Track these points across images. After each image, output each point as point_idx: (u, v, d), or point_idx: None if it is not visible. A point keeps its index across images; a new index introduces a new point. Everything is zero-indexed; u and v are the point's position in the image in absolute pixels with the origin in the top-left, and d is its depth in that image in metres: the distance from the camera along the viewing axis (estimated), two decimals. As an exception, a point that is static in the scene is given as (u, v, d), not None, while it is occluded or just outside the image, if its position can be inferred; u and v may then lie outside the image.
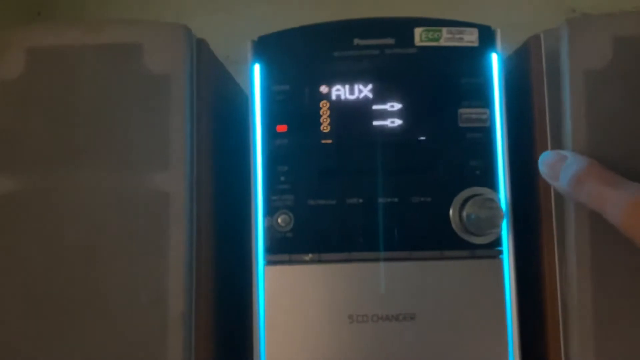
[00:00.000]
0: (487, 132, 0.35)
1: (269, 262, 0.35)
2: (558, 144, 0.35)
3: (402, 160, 0.35)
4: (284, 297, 0.35)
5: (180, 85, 0.35)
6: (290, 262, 0.35)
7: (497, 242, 0.35)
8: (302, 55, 0.36)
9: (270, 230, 0.35)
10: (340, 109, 0.36)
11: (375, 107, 0.36)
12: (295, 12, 0.65)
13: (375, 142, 0.36)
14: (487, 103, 0.35)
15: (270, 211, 0.35)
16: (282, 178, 0.35)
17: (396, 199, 0.35)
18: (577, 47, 0.34)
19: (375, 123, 0.36)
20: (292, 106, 0.36)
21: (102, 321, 0.33)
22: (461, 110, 0.35)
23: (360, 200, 0.35)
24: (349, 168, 0.35)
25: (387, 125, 0.36)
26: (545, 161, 0.33)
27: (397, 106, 0.36)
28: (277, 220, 0.35)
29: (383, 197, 0.35)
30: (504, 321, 0.34)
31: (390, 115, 0.36)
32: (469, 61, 0.36)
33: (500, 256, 0.35)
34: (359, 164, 0.35)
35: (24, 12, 0.66)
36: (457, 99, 0.35)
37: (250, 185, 0.36)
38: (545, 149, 0.35)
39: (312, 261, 0.35)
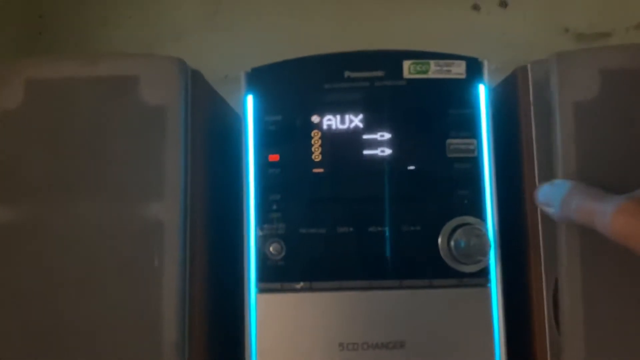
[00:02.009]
0: (475, 162, 0.36)
1: (261, 290, 0.36)
2: (545, 173, 0.36)
3: (392, 189, 0.36)
4: (275, 324, 0.35)
5: (175, 116, 0.35)
6: (282, 290, 0.36)
7: (485, 270, 0.35)
8: (295, 86, 0.37)
9: (262, 258, 0.36)
10: (332, 138, 0.37)
11: (365, 136, 0.37)
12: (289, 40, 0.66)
13: (365, 171, 0.36)
14: (474, 134, 0.36)
15: (262, 240, 0.36)
16: (274, 207, 0.36)
17: (386, 228, 0.36)
18: (566, 81, 0.35)
19: (365, 152, 0.37)
20: (284, 136, 0.37)
21: (97, 350, 0.33)
22: (449, 141, 0.36)
23: (351, 229, 0.36)
24: (340, 197, 0.36)
25: (377, 154, 0.36)
26: (540, 192, 0.34)
27: (387, 136, 0.37)
28: (269, 248, 0.36)
29: (373, 225, 0.36)
30: (492, 349, 0.35)
31: (380, 144, 0.37)
32: (457, 93, 0.37)
33: (488, 284, 0.35)
34: (349, 192, 0.36)
35: (25, 32, 0.67)
36: (445, 129, 0.36)
37: (243, 214, 0.36)
38: (533, 178, 0.36)
39: (303, 289, 0.35)
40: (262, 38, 0.66)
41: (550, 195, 0.33)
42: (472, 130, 0.36)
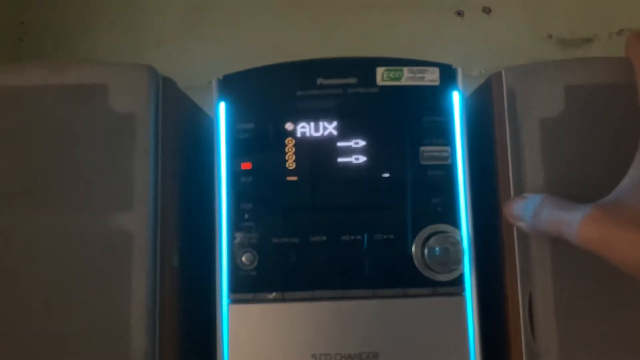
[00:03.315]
0: (449, 169, 0.36)
1: (233, 301, 0.35)
2: (520, 181, 0.35)
3: (365, 197, 0.36)
4: (247, 335, 0.35)
5: (144, 124, 0.35)
6: (254, 300, 0.35)
7: (460, 279, 0.35)
8: (267, 93, 0.37)
9: (234, 268, 0.35)
10: (305, 146, 0.36)
11: (339, 144, 0.36)
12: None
13: (339, 179, 0.36)
14: (448, 141, 0.36)
15: (234, 249, 0.35)
16: (247, 216, 0.36)
17: (359, 237, 0.35)
18: (531, 97, 0.34)
19: (339, 160, 0.36)
20: (257, 143, 0.36)
21: (63, 363, 0.33)
22: (423, 148, 0.36)
23: (324, 238, 0.35)
24: (313, 205, 0.36)
25: (351, 162, 0.36)
26: (512, 207, 0.33)
27: (361, 143, 0.36)
28: (241, 258, 0.35)
29: (347, 234, 0.35)
30: (467, 356, 0.34)
31: (354, 152, 0.36)
32: (430, 100, 0.36)
33: (463, 293, 0.35)
34: (323, 201, 0.36)
35: (6, 39, 0.67)
36: (418, 137, 0.36)
37: (215, 223, 0.36)
38: (508, 185, 0.36)
39: (275, 300, 0.35)
40: (246, 45, 0.66)
41: (522, 209, 0.33)
42: (445, 137, 0.36)
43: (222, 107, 0.37)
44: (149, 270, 0.34)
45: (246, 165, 0.36)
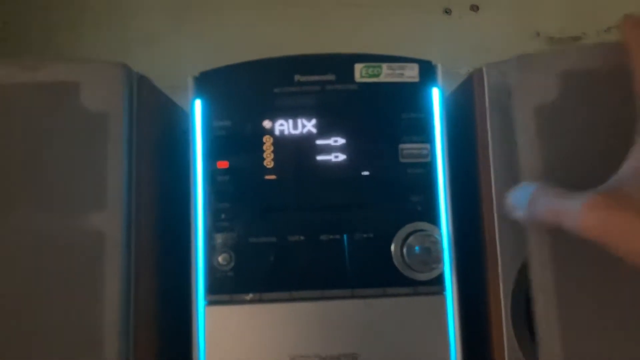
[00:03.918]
0: (428, 167, 0.35)
1: (210, 302, 0.34)
2: (503, 178, 0.35)
3: (345, 196, 0.35)
4: (225, 337, 0.34)
5: (118, 123, 0.34)
6: (231, 302, 0.34)
7: (440, 278, 0.35)
8: (244, 90, 0.36)
9: (211, 269, 0.35)
10: (284, 144, 0.36)
11: (318, 142, 0.36)
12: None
13: (318, 178, 0.35)
14: (428, 138, 0.35)
15: (211, 250, 0.35)
16: (223, 215, 0.35)
17: (338, 236, 0.35)
18: (525, 84, 0.34)
19: (318, 158, 0.36)
20: (234, 142, 0.36)
21: (34, 368, 0.32)
22: (402, 146, 0.35)
23: (302, 238, 0.35)
24: (292, 204, 0.35)
25: (330, 160, 0.36)
26: (510, 197, 0.33)
27: (340, 141, 0.36)
28: (218, 259, 0.35)
29: (325, 233, 0.35)
30: (447, 357, 0.34)
31: (333, 150, 0.36)
32: (410, 96, 0.36)
33: (444, 292, 0.35)
34: (301, 200, 0.35)
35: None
36: (398, 134, 0.35)
37: (191, 224, 0.35)
38: (489, 183, 0.35)
39: (253, 301, 0.34)
40: (234, 42, 0.65)
41: (517, 199, 0.32)
42: (425, 134, 0.35)
43: (197, 104, 0.36)
44: (123, 272, 0.33)
45: (223, 164, 0.36)
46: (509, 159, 0.34)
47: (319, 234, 0.35)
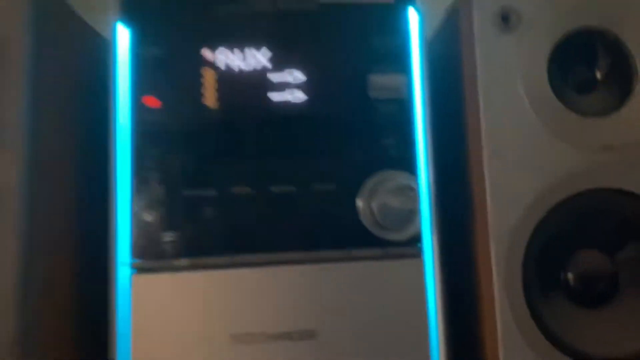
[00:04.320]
0: (404, 103, 0.29)
1: (134, 269, 0.28)
2: (494, 115, 0.29)
3: (301, 139, 0.29)
4: (152, 311, 0.28)
5: (18, 48, 0.27)
6: (160, 269, 0.28)
7: (417, 238, 0.28)
8: (179, 12, 0.30)
9: (137, 229, 0.28)
10: (227, 77, 0.29)
11: (270, 75, 0.29)
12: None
13: (268, 118, 0.29)
14: (402, 68, 0.29)
15: (136, 206, 0.28)
16: (151, 163, 0.28)
17: (293, 187, 0.28)
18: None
19: (270, 94, 0.29)
20: (166, 74, 0.29)
21: None
22: (372, 77, 0.29)
23: (249, 190, 0.28)
24: (236, 150, 0.29)
25: (284, 96, 0.29)
26: None
27: (296, 74, 0.29)
28: (144, 217, 0.28)
29: (277, 184, 0.28)
30: (426, 335, 0.28)
31: (288, 84, 0.29)
32: (381, 19, 0.29)
33: (422, 255, 0.28)
34: (248, 144, 0.29)
35: None
36: (366, 63, 0.29)
37: (110, 173, 0.29)
38: (477, 121, 0.29)
39: (187, 267, 0.28)
40: None
41: None
42: (399, 63, 0.29)
43: (121, 29, 0.29)
44: (22, 229, 0.26)
45: (152, 101, 0.29)
46: (501, 95, 0.28)
47: (268, 185, 0.28)
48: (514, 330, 0.28)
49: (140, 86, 0.29)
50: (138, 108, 0.29)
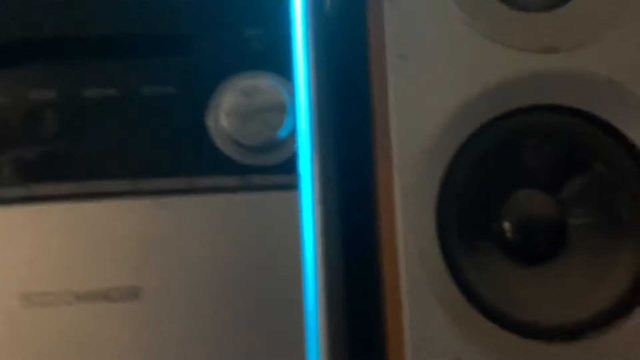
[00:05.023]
0: (274, -23, 0.21)
1: None
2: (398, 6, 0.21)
3: (127, 23, 0.21)
4: None
5: None
6: None
7: (290, 162, 0.21)
8: None
9: None
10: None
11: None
12: None
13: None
14: None
15: None
16: None
17: (114, 91, 0.20)
18: None
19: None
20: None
21: None
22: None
23: (53, 94, 0.20)
24: (33, 38, 0.20)
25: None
26: None
27: None
28: None
29: (92, 87, 0.20)
30: (300, 290, 0.20)
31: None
32: None
33: (297, 186, 0.21)
34: (49, 30, 0.20)
35: None
36: None
37: None
38: (380, 16, 0.22)
39: (-39, 202, 0.20)
40: None
41: None
42: None
43: None
44: None
45: None
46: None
47: (80, 87, 0.20)
48: (422, 281, 0.21)
49: None
50: None
